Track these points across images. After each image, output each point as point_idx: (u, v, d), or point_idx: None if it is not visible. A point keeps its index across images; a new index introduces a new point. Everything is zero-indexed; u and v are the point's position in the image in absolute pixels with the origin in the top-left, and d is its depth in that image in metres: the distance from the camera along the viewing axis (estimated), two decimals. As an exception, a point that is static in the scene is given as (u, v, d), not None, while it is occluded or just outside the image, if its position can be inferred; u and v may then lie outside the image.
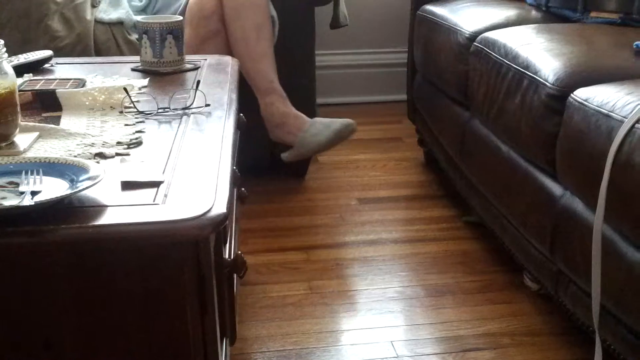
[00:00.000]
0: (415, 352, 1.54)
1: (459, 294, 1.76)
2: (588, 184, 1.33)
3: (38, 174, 0.95)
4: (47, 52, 1.64)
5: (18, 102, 1.14)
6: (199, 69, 1.62)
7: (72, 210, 0.89)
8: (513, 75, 1.67)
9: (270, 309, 1.69)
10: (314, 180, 2.43)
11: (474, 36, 1.95)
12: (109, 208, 0.91)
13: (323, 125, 2.14)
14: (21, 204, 0.86)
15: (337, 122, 2.15)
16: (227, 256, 1.17)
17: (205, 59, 1.72)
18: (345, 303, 1.72)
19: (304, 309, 1.70)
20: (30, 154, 1.09)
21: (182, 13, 2.16)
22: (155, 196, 0.94)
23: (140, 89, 1.45)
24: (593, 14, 1.94)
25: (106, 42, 2.13)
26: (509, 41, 1.76)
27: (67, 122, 1.25)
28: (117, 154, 1.10)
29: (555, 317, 1.65)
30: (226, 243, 1.21)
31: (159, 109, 1.31)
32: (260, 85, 2.16)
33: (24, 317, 0.89)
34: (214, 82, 1.51)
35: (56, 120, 1.26)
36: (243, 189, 1.63)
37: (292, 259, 1.93)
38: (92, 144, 1.14)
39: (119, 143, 1.15)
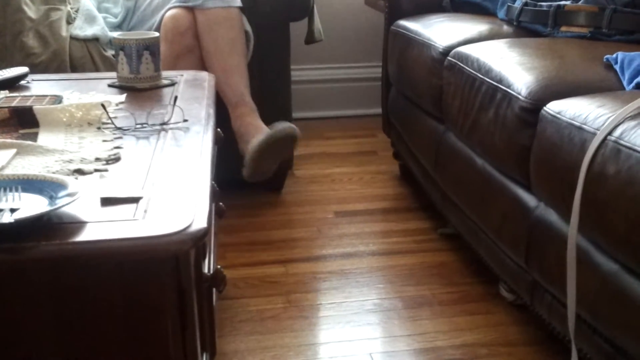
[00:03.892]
0: (393, 364, 1.55)
1: (436, 306, 1.77)
2: (562, 195, 1.35)
3: (17, 190, 0.95)
4: (23, 69, 1.64)
5: (-5, 119, 1.14)
6: (176, 85, 1.63)
7: (52, 227, 0.90)
8: (486, 89, 1.69)
9: (249, 323, 1.70)
10: (290, 194, 2.44)
11: (447, 50, 1.98)
12: (88, 224, 0.91)
13: (266, 130, 2.12)
14: (0, 222, 0.86)
15: (277, 126, 2.12)
16: (206, 271, 1.18)
17: (182, 75, 1.72)
18: (323, 316, 1.73)
19: (283, 322, 1.70)
20: (8, 171, 1.09)
21: (158, 29, 2.17)
22: (135, 212, 0.94)
23: (117, 105, 1.45)
24: (563, 29, 1.97)
25: (82, 58, 2.13)
26: (482, 55, 1.79)
27: (45, 138, 1.25)
28: (96, 170, 1.11)
29: (532, 327, 1.66)
30: (205, 258, 1.21)
31: (136, 124, 1.31)
32: (230, 98, 2.16)
33: (4, 334, 0.88)
34: (191, 97, 1.52)
35: (33, 137, 1.26)
36: (221, 203, 1.64)
37: (270, 272, 1.93)
38: (70, 160, 1.14)
39: (97, 159, 1.15)
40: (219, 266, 1.22)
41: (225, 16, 2.14)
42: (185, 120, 1.34)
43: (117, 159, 1.16)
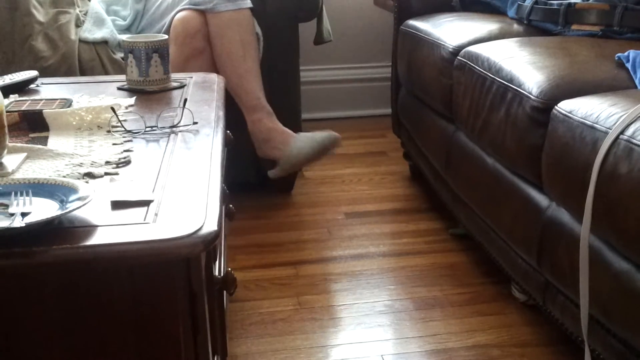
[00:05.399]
0: (405, 366, 1.55)
1: (448, 307, 1.76)
2: (574, 195, 1.34)
3: (28, 195, 0.95)
4: (33, 73, 1.64)
5: (6, 123, 1.14)
6: (185, 87, 1.63)
7: (63, 231, 0.89)
8: (497, 89, 1.68)
9: (259, 325, 1.69)
10: (300, 196, 2.43)
11: (457, 50, 1.97)
12: (99, 228, 0.91)
13: (308, 139, 2.15)
14: (12, 226, 0.86)
15: (321, 135, 2.16)
16: (217, 273, 1.17)
17: (191, 77, 1.72)
18: (334, 318, 1.72)
19: (294, 324, 1.70)
20: (18, 175, 1.09)
21: (167, 32, 2.17)
22: (145, 215, 0.94)
23: (127, 107, 1.45)
24: (574, 27, 1.96)
25: (91, 61, 2.13)
26: (492, 55, 1.78)
27: (55, 142, 1.25)
28: (106, 174, 1.10)
29: (544, 327, 1.65)
30: (216, 260, 1.21)
31: (146, 127, 1.31)
32: (247, 102, 2.17)
33: (14, 337, 0.88)
34: (200, 99, 1.52)
35: (44, 141, 1.26)
36: (231, 205, 1.64)
37: (280, 274, 1.93)
38: (81, 163, 1.14)
39: (107, 162, 1.15)
40: (229, 268, 1.22)
41: (236, 19, 2.14)
42: (195, 123, 1.34)
43: (127, 162, 1.16)
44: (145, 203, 0.98)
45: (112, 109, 1.35)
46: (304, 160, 2.17)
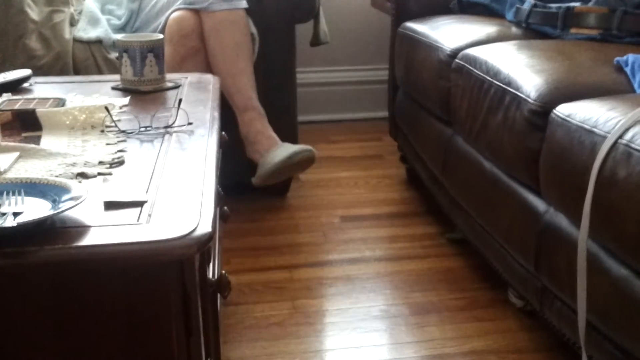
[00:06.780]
0: (401, 371, 1.53)
1: (444, 312, 1.75)
2: (572, 200, 1.33)
3: (20, 194, 0.94)
4: (26, 71, 1.62)
5: (-2, 122, 1.12)
6: (180, 87, 1.61)
7: (55, 231, 0.88)
8: (495, 92, 1.67)
9: (254, 329, 1.68)
10: (296, 199, 2.42)
11: (455, 53, 1.96)
12: (92, 228, 0.90)
13: (284, 148, 2.12)
14: (3, 225, 0.85)
15: (295, 146, 2.13)
16: (211, 276, 1.16)
17: (186, 77, 1.71)
18: (329, 322, 1.71)
19: (288, 328, 1.68)
20: (10, 175, 1.08)
21: (162, 31, 2.15)
22: (139, 216, 0.93)
23: (121, 107, 1.44)
24: (573, 31, 1.95)
25: (85, 60, 2.12)
26: (490, 58, 1.77)
27: (48, 141, 1.24)
28: (99, 174, 1.09)
29: (541, 333, 1.64)
30: (210, 263, 1.20)
31: (140, 127, 1.30)
32: (238, 102, 2.16)
33: (5, 338, 0.87)
34: (195, 100, 1.51)
35: (36, 140, 1.25)
36: (225, 207, 1.62)
37: (275, 278, 1.91)
38: (74, 163, 1.13)
39: (101, 162, 1.14)
40: (223, 271, 1.20)
41: (231, 19, 2.13)
42: (189, 123, 1.33)
43: (120, 163, 1.14)
44: (139, 204, 0.97)
45: (106, 108, 1.34)
46: (273, 169, 2.10)
